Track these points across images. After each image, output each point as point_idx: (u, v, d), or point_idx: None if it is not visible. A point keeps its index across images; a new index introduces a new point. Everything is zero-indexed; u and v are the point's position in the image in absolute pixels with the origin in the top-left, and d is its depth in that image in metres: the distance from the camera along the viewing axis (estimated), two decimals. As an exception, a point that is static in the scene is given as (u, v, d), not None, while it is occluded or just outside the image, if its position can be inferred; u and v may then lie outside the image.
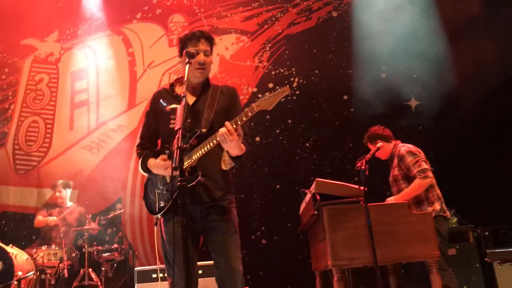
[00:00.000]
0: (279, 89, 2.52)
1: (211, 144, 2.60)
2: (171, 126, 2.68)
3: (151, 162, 2.81)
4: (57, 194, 6.46)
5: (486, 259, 4.72)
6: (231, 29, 7.64)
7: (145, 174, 2.93)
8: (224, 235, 2.75)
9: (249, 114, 2.50)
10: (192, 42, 2.80)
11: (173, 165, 2.17)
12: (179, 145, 2.20)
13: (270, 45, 7.57)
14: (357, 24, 7.40)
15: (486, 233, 5.21)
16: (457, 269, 4.42)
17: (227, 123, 2.50)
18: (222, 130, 2.50)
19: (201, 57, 2.78)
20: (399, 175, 4.42)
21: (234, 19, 7.68)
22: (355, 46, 7.34)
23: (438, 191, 4.33)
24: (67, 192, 6.52)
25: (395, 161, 4.49)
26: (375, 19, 7.33)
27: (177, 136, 2.26)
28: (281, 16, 7.67)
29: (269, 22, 7.65)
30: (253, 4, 7.71)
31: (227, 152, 2.73)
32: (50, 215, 6.33)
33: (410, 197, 4.22)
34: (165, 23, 7.72)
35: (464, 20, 6.65)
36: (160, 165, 2.73)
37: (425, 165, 4.26)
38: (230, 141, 2.50)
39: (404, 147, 4.45)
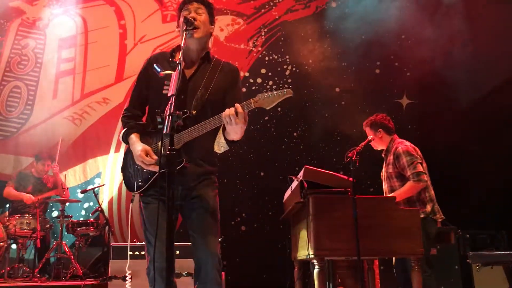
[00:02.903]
0: (282, 91, 2.40)
1: (211, 125, 2.47)
2: (164, 92, 2.54)
3: (133, 139, 2.66)
4: (46, 166, 6.23)
5: (467, 260, 4.71)
6: (228, 10, 7.48)
7: (125, 143, 2.78)
8: (204, 215, 2.64)
9: (245, 109, 2.40)
10: (185, 6, 2.71)
11: (164, 131, 2.05)
12: (172, 111, 2.07)
13: (266, 30, 7.45)
14: (355, 17, 7.32)
15: (467, 236, 5.20)
16: (436, 269, 4.39)
17: (237, 105, 2.39)
18: (231, 111, 2.38)
19: (190, 13, 2.65)
20: (393, 173, 4.32)
21: (231, 0, 7.53)
22: (351, 39, 7.26)
23: (432, 192, 4.24)
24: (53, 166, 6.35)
25: (391, 158, 4.37)
26: (373, 15, 7.27)
27: (169, 102, 2.13)
28: (279, 1, 7.55)
29: (266, 6, 7.52)
30: (251, -13, 7.58)
31: (225, 135, 2.62)
32: (24, 187, 6.11)
33: (401, 199, 4.15)
34: (161, -3, 7.54)
35: (462, 21, 6.61)
36: (139, 154, 2.56)
37: (421, 168, 4.17)
38: (235, 124, 2.39)
39: (401, 145, 4.33)
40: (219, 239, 2.69)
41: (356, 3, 7.34)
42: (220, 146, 2.69)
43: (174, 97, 2.16)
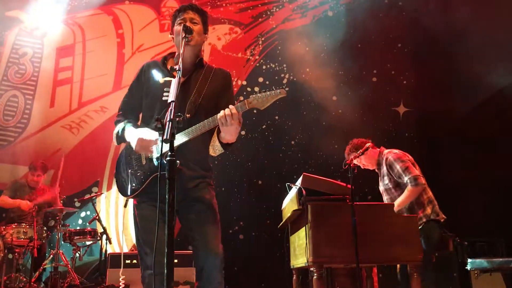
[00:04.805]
0: (275, 90, 2.42)
1: (205, 127, 2.48)
2: (164, 98, 2.56)
3: (131, 128, 2.64)
4: (36, 177, 6.18)
5: (466, 267, 4.70)
6: (225, 19, 7.52)
7: (117, 144, 2.76)
8: (203, 215, 2.63)
9: (239, 110, 2.43)
10: (179, 15, 2.72)
11: (164, 137, 2.05)
12: (172, 117, 2.08)
13: (263, 39, 7.49)
14: (352, 27, 7.36)
15: (466, 243, 5.19)
16: (434, 277, 4.37)
17: (232, 106, 2.43)
18: (226, 112, 2.41)
19: (186, 22, 2.65)
20: (390, 183, 4.35)
21: (228, 10, 7.57)
22: (348, 47, 7.30)
23: (430, 194, 4.27)
24: (46, 176, 6.31)
25: (384, 169, 4.41)
26: (370, 23, 7.32)
27: (169, 108, 2.13)
28: (276, 11, 7.59)
29: (264, 15, 7.57)
30: (249, -4, 7.64)
31: (219, 137, 2.63)
32: (19, 197, 6.06)
33: (404, 205, 4.16)
34: (158, 7, 7.57)
35: (457, 30, 6.64)
36: (141, 140, 2.54)
37: (416, 171, 4.20)
38: (231, 125, 2.42)
39: (391, 154, 4.37)
40: (220, 236, 2.66)
41: (352, 13, 7.39)
42: (215, 149, 2.71)
43: (174, 103, 2.17)
